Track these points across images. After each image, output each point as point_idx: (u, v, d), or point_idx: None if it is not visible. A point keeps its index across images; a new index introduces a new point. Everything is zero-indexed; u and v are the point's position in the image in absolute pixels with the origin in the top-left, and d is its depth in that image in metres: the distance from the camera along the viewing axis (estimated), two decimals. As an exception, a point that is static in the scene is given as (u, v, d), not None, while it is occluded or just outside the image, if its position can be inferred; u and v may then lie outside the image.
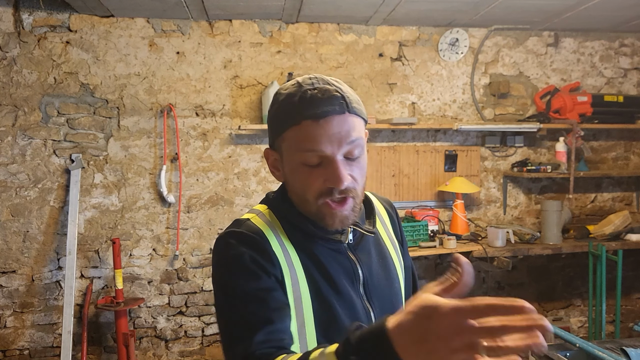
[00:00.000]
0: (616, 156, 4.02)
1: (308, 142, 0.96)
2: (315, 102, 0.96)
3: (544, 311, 3.98)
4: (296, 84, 1.01)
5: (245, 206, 3.54)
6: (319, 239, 1.05)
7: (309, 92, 0.97)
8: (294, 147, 0.99)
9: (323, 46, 3.57)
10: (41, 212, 3.34)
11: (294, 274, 1.02)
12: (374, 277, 1.10)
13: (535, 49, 3.84)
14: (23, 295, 3.35)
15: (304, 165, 0.99)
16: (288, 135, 0.99)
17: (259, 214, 1.09)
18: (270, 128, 1.06)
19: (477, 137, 3.81)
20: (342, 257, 1.07)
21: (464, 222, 3.63)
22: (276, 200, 1.11)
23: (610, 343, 2.08)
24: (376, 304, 1.08)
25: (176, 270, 3.50)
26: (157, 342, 3.51)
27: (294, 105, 0.98)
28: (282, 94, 1.02)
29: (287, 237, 1.05)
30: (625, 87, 3.98)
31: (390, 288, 1.15)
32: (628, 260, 3.76)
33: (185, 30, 3.42)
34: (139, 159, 3.43)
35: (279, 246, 1.03)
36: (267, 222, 1.06)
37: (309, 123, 0.96)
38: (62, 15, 3.29)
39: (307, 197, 1.01)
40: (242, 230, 1.04)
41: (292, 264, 1.02)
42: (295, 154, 0.99)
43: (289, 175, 1.04)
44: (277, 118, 1.02)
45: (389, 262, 1.16)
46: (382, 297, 1.10)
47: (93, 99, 3.36)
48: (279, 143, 1.03)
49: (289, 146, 1.00)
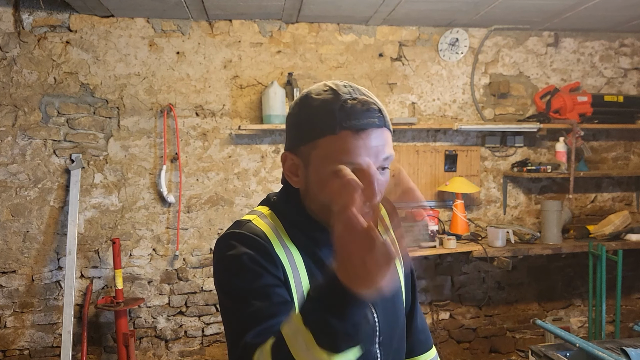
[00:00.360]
0: (616, 156, 4.02)
1: (345, 154, 0.93)
2: (356, 113, 0.94)
3: (544, 311, 3.98)
4: (330, 90, 0.98)
5: (246, 206, 3.54)
6: (324, 244, 1.04)
7: (348, 102, 0.95)
8: (329, 156, 0.95)
9: (323, 46, 3.57)
10: (41, 212, 3.34)
11: (297, 275, 1.01)
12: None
13: (535, 49, 3.84)
14: (23, 295, 3.35)
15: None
16: (322, 143, 0.96)
17: (260, 216, 1.08)
18: (296, 132, 1.01)
19: (477, 137, 3.81)
20: None
21: (464, 222, 3.63)
22: (280, 203, 1.10)
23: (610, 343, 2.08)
24: (379, 305, 1.08)
25: (176, 270, 3.50)
26: (157, 342, 3.51)
27: (332, 114, 0.94)
28: (315, 99, 0.98)
29: (289, 239, 1.04)
30: (625, 87, 3.99)
31: (391, 289, 1.15)
32: (628, 260, 3.76)
33: (185, 30, 3.42)
34: (139, 159, 3.43)
35: (282, 247, 1.02)
36: (269, 224, 1.05)
37: (348, 134, 0.93)
38: (62, 15, 3.29)
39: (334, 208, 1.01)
40: (243, 231, 1.02)
41: (296, 265, 1.02)
42: (330, 164, 0.95)
43: (314, 184, 1.00)
44: (310, 124, 0.98)
45: None
46: (385, 298, 1.10)
47: (93, 99, 3.36)
48: (307, 149, 0.99)
49: (322, 155, 0.96)
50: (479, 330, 3.90)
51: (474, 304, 3.89)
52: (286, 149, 1.05)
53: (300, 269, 1.02)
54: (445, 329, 3.85)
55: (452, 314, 3.87)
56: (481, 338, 3.90)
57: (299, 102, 1.02)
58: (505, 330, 3.94)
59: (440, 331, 3.83)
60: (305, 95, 1.01)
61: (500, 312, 3.93)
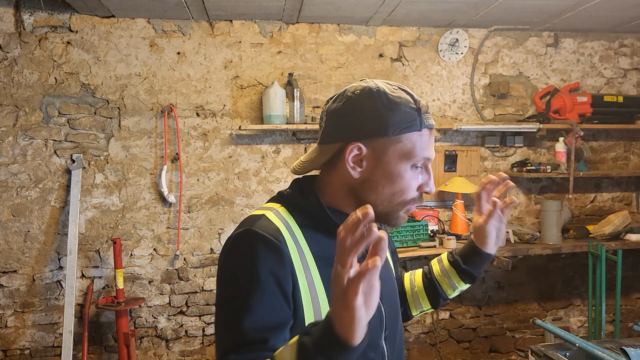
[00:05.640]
0: (616, 156, 4.03)
1: (426, 150, 1.05)
2: (428, 113, 1.06)
3: (543, 311, 3.99)
4: (401, 90, 1.06)
5: (246, 206, 3.55)
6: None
7: (421, 103, 1.05)
8: (411, 150, 1.03)
9: (323, 46, 3.58)
10: (42, 212, 3.35)
11: (308, 273, 1.02)
12: (382, 272, 1.11)
13: (535, 50, 3.85)
14: (24, 295, 3.36)
15: (410, 170, 1.04)
16: (407, 138, 1.03)
17: (273, 211, 1.08)
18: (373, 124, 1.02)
19: (477, 137, 3.81)
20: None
21: (463, 222, 3.64)
22: (294, 197, 1.10)
23: (610, 343, 2.09)
24: (385, 298, 1.10)
25: (177, 270, 3.51)
26: (157, 342, 3.52)
27: (415, 112, 1.03)
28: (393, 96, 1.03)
29: (301, 234, 1.05)
30: (625, 87, 3.99)
31: (391, 281, 1.20)
32: (627, 260, 3.77)
33: (186, 30, 3.42)
34: (140, 159, 3.44)
35: (294, 244, 1.02)
36: (282, 220, 1.05)
37: (427, 132, 1.05)
38: (63, 16, 3.30)
39: (403, 198, 1.06)
40: (257, 229, 1.01)
41: (307, 262, 1.03)
42: (410, 158, 1.03)
43: (383, 176, 1.04)
44: (392, 118, 1.02)
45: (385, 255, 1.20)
46: (388, 291, 1.14)
47: (94, 99, 3.37)
48: (385, 143, 1.02)
49: (403, 149, 1.03)
50: (479, 329, 3.90)
51: (474, 303, 3.90)
52: (353, 140, 1.03)
53: (310, 264, 1.03)
54: (445, 329, 3.86)
55: (452, 314, 3.88)
56: (481, 338, 3.91)
57: (372, 95, 1.03)
58: (505, 330, 3.94)
59: (440, 331, 3.84)
60: (378, 91, 1.04)
61: (500, 312, 3.94)
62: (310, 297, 1.00)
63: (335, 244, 1.05)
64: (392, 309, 1.16)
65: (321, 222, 1.06)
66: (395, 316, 1.17)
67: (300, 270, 1.01)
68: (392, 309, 1.15)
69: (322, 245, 1.05)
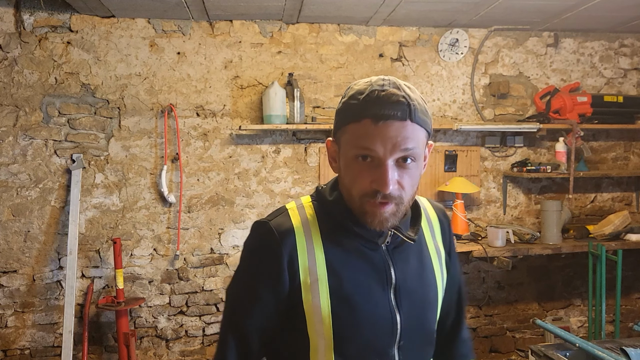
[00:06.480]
0: (616, 156, 4.03)
1: (363, 140, 1.00)
2: (379, 103, 0.99)
3: (543, 311, 3.99)
4: (369, 82, 1.04)
5: (246, 206, 3.55)
6: (357, 237, 1.08)
7: (376, 93, 1.00)
8: (351, 142, 1.02)
9: (323, 47, 3.58)
10: (42, 212, 3.35)
11: (314, 273, 1.05)
12: (408, 283, 1.11)
13: (535, 50, 3.85)
14: (24, 295, 3.36)
15: (356, 162, 1.02)
16: (348, 129, 1.03)
17: (299, 206, 1.13)
18: (336, 119, 1.09)
19: (477, 137, 3.81)
20: (376, 257, 1.09)
21: (464, 222, 3.64)
22: (323, 193, 1.14)
23: (610, 343, 2.09)
24: (405, 309, 1.09)
25: (177, 270, 3.51)
26: (157, 342, 3.52)
27: (359, 102, 1.01)
28: (352, 89, 1.05)
29: (318, 234, 1.08)
30: (625, 87, 3.99)
31: (424, 296, 1.15)
32: (628, 260, 3.76)
33: (186, 30, 3.42)
34: (140, 159, 3.44)
35: (305, 245, 1.06)
36: (302, 216, 1.10)
37: (368, 122, 0.99)
38: (63, 16, 3.30)
39: (353, 193, 1.04)
40: (270, 225, 1.09)
41: (315, 263, 1.06)
42: (351, 148, 1.03)
43: (342, 168, 1.07)
44: (342, 110, 1.06)
45: (427, 271, 1.16)
46: (413, 303, 1.11)
47: (94, 99, 3.37)
48: (340, 135, 1.07)
49: (347, 140, 1.04)
50: (479, 329, 3.90)
51: (474, 303, 3.90)
52: (331, 136, 1.12)
53: (319, 265, 1.06)
54: (445, 329, 3.85)
55: (452, 314, 3.87)
56: (481, 338, 3.91)
57: (344, 93, 1.09)
58: (505, 330, 3.94)
59: (440, 331, 3.84)
60: (350, 86, 1.08)
61: (500, 312, 3.94)
62: (311, 297, 1.05)
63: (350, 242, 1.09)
64: (414, 318, 1.11)
65: (341, 221, 1.09)
66: (418, 326, 1.13)
67: (306, 271, 1.05)
68: (413, 319, 1.11)
69: (339, 243, 1.09)
